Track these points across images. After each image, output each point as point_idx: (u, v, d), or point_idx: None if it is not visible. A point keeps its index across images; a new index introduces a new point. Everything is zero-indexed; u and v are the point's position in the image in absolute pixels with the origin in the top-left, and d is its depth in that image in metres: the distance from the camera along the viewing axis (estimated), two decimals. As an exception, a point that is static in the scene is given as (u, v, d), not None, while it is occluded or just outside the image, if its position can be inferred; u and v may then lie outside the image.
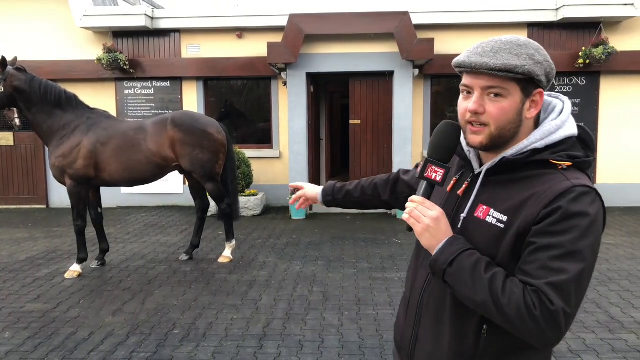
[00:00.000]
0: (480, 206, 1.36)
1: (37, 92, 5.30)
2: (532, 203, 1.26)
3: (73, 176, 5.41)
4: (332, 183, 2.04)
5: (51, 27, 9.70)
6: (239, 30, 9.51)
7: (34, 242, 7.23)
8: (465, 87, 1.35)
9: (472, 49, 1.33)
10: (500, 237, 1.30)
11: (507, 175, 1.35)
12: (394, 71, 8.84)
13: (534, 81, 1.30)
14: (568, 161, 1.31)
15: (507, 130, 1.33)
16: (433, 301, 1.44)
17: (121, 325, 4.31)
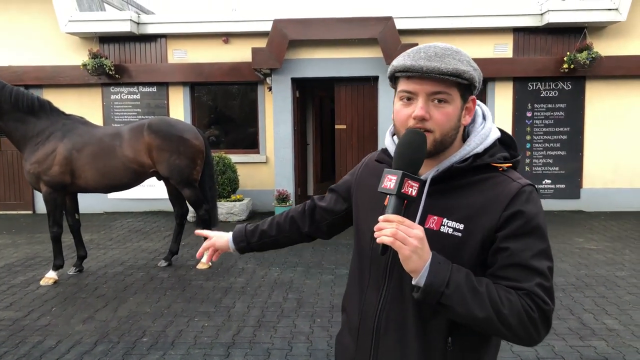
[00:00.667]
0: (430, 217, 1.33)
1: (7, 100, 5.28)
2: (488, 209, 1.28)
3: (48, 183, 5.40)
4: (242, 226, 1.82)
5: (36, 32, 9.69)
6: (225, 36, 9.52)
7: (15, 249, 7.20)
8: (408, 92, 1.30)
9: (413, 54, 1.30)
10: (461, 246, 1.29)
11: (451, 182, 1.34)
12: (378, 76, 8.85)
13: (470, 87, 1.32)
14: (506, 163, 1.34)
15: (449, 137, 1.32)
16: (392, 324, 1.37)
17: (90, 334, 4.29)
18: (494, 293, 1.22)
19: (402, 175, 1.23)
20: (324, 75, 8.90)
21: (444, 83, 1.28)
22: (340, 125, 9.34)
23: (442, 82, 1.27)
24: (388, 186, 1.24)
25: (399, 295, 1.36)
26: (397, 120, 1.34)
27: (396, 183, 1.23)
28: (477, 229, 1.28)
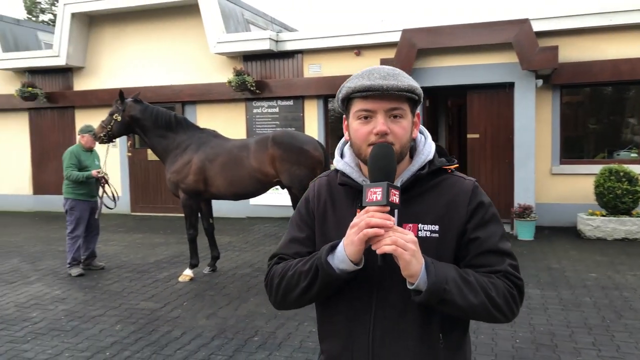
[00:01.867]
0: (406, 225, 1.41)
1: (149, 119, 6.03)
2: (454, 206, 1.43)
3: (185, 190, 6.03)
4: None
5: (190, 54, 10.84)
6: (357, 48, 9.75)
7: (166, 247, 8.12)
8: (366, 111, 1.39)
9: (367, 75, 1.38)
10: (439, 245, 1.41)
11: (413, 190, 1.45)
12: (514, 82, 8.38)
13: (417, 103, 1.44)
14: (453, 165, 1.50)
15: (406, 148, 1.43)
16: (390, 334, 1.41)
17: (210, 328, 4.70)
18: (481, 279, 1.36)
19: (387, 185, 1.28)
20: (455, 83, 8.66)
21: (398, 99, 1.38)
22: (473, 135, 9.00)
23: (397, 98, 1.37)
24: (374, 199, 1.28)
25: (392, 305, 1.41)
26: (357, 138, 1.41)
27: (383, 194, 1.28)
28: (450, 226, 1.42)
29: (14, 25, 12.58)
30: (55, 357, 4.16)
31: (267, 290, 1.54)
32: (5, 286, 6.09)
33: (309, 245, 1.53)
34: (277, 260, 1.55)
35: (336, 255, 1.37)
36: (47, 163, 12.13)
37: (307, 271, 1.40)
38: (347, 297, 1.44)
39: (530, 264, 6.63)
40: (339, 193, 1.52)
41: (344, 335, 1.46)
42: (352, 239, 1.30)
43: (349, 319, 1.45)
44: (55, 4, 29.97)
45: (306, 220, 1.56)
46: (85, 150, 6.63)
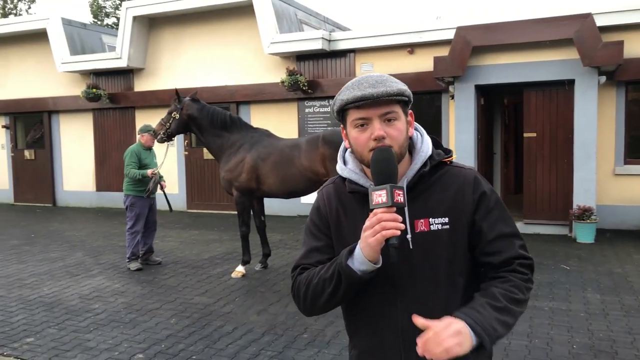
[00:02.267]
0: (417, 222, 1.50)
1: (206, 119, 6.21)
2: (460, 197, 1.52)
3: (238, 188, 6.17)
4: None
5: (245, 55, 11.05)
6: (409, 47, 9.65)
7: (220, 244, 8.32)
8: (362, 119, 1.47)
9: (357, 85, 1.47)
10: (452, 236, 1.50)
11: (418, 187, 1.52)
12: (574, 79, 8.06)
13: (408, 103, 1.51)
14: (451, 157, 1.57)
15: (404, 148, 1.51)
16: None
17: (261, 324, 4.79)
18: (507, 294, 1.44)
19: (390, 187, 1.36)
20: (511, 81, 8.42)
21: (389, 104, 1.46)
22: (530, 134, 8.72)
23: (388, 103, 1.46)
24: (380, 201, 1.37)
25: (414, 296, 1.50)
26: (358, 146, 1.49)
27: (387, 196, 1.36)
28: (459, 216, 1.51)
29: (80, 29, 13.22)
30: (114, 347, 4.35)
31: (295, 301, 1.61)
32: (70, 278, 6.43)
33: (328, 252, 1.60)
34: (300, 271, 1.61)
35: (355, 258, 1.43)
36: (109, 161, 12.69)
37: (330, 277, 1.47)
38: (370, 293, 1.52)
39: (590, 268, 6.37)
40: (349, 200, 1.59)
41: (372, 331, 1.55)
42: (368, 241, 1.37)
43: (375, 314, 1.54)
44: (119, 8, 31.27)
45: (321, 229, 1.63)
46: (145, 148, 6.90)
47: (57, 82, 13.02)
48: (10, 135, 13.86)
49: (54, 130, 13.33)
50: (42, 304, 5.46)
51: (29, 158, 13.63)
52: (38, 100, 13.15)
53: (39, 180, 13.55)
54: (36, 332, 4.71)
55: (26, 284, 6.21)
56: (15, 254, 7.78)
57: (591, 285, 5.70)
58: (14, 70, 13.55)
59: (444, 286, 1.50)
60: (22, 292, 5.89)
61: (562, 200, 8.51)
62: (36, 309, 5.32)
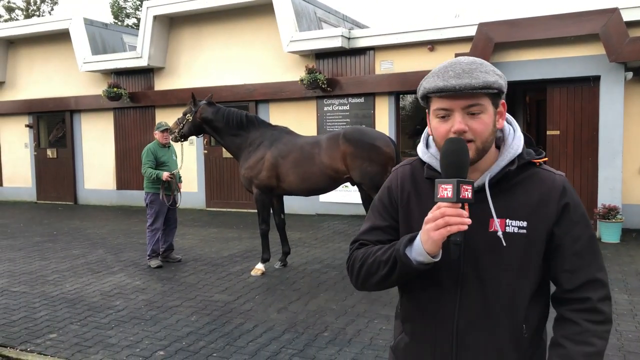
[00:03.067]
0: (493, 221, 1.41)
1: (221, 120, 6.25)
2: (544, 203, 1.42)
3: (258, 185, 6.15)
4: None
5: (264, 53, 11.05)
6: (430, 44, 9.55)
7: (239, 242, 8.33)
8: (444, 110, 1.39)
9: (441, 74, 1.38)
10: (528, 243, 1.42)
11: (501, 185, 1.44)
12: (599, 76, 7.90)
13: (499, 94, 1.41)
14: (542, 158, 1.47)
15: (489, 143, 1.42)
16: (474, 325, 1.44)
17: (281, 322, 4.76)
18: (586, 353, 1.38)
19: (457, 182, 1.29)
20: (534, 78, 8.28)
21: (475, 96, 1.37)
22: (553, 131, 8.56)
23: (474, 95, 1.36)
24: (445, 195, 1.31)
25: (476, 295, 1.44)
26: (437, 137, 1.43)
27: (453, 191, 1.29)
28: (539, 224, 1.41)
29: (102, 29, 13.36)
30: (136, 344, 4.36)
31: (348, 273, 1.59)
32: (92, 275, 6.48)
33: (390, 233, 1.57)
34: (358, 246, 1.59)
35: (414, 248, 1.39)
36: (129, 160, 12.80)
37: (385, 260, 1.44)
38: (434, 284, 1.48)
39: (616, 268, 6.22)
40: (424, 185, 1.53)
41: (427, 323, 1.51)
42: (430, 234, 1.32)
43: (435, 303, 1.49)
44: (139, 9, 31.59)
45: (389, 210, 1.59)
46: (162, 146, 6.92)
47: (78, 81, 13.18)
48: (33, 134, 14.06)
49: (75, 129, 13.49)
50: (64, 301, 5.50)
51: (51, 157, 13.82)
52: (60, 99, 13.32)
53: (60, 179, 13.73)
54: (59, 328, 4.74)
55: (49, 280, 6.28)
56: (38, 251, 7.88)
57: (618, 285, 5.56)
58: (38, 71, 13.75)
59: (509, 291, 1.43)
60: (44, 288, 5.95)
61: (586, 199, 8.34)
62: (59, 305, 5.37)
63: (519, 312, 1.43)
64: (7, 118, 14.33)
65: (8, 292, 5.84)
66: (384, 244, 1.52)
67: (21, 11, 33.23)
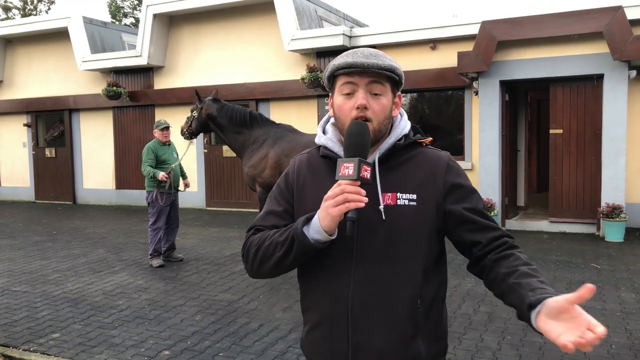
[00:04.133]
0: (385, 195, 1.47)
1: (225, 117, 6.22)
2: (432, 177, 1.50)
3: (262, 184, 6.10)
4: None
5: (264, 52, 11.00)
6: (431, 42, 9.51)
7: (240, 241, 8.26)
8: (349, 84, 1.46)
9: (349, 55, 1.48)
10: (418, 214, 1.47)
11: (390, 162, 1.51)
12: (603, 74, 7.87)
13: (398, 84, 1.52)
14: (427, 139, 1.58)
15: (384, 126, 1.50)
16: (368, 303, 1.45)
17: (287, 321, 4.71)
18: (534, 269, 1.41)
19: (359, 161, 1.34)
20: (537, 76, 8.25)
21: (379, 77, 1.46)
22: (556, 130, 8.53)
23: (378, 76, 1.46)
24: (346, 173, 1.35)
25: (373, 272, 1.45)
26: (341, 113, 1.49)
27: (354, 169, 1.33)
28: (428, 196, 1.48)
29: (101, 28, 13.29)
30: (140, 343, 4.31)
31: (243, 260, 1.59)
32: (93, 274, 6.41)
33: (285, 218, 1.58)
34: (254, 232, 1.60)
35: (311, 227, 1.42)
36: (128, 159, 12.73)
37: (283, 241, 1.45)
38: (325, 266, 1.49)
39: (622, 267, 6.19)
40: (320, 166, 1.58)
41: (323, 305, 1.51)
42: (329, 210, 1.35)
43: (330, 284, 1.50)
44: (137, 8, 31.47)
45: (284, 195, 1.62)
46: (162, 144, 6.86)
47: (77, 80, 13.10)
48: (31, 133, 13.97)
49: (74, 129, 13.41)
50: (66, 300, 5.44)
51: (49, 156, 13.73)
52: (59, 98, 13.24)
53: (59, 178, 13.65)
54: (62, 327, 4.68)
55: (50, 279, 6.21)
56: (38, 251, 7.81)
57: (624, 284, 5.53)
58: (36, 69, 13.66)
59: (402, 263, 1.46)
60: (46, 287, 5.89)
61: (589, 198, 8.32)
62: (61, 304, 5.31)
63: (413, 286, 1.46)
64: (5, 117, 14.23)
65: (9, 291, 5.77)
66: (279, 228, 1.53)
67: (18, 10, 33.09)
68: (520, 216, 9.36)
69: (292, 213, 1.59)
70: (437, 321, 1.54)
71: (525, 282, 1.36)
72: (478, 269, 1.53)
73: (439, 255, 1.56)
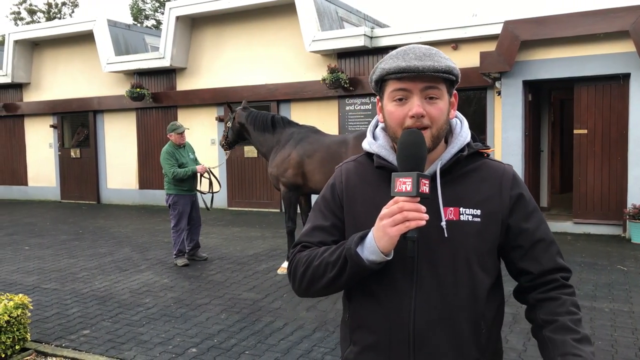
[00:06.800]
0: (447, 209, 1.37)
1: (251, 123, 6.49)
2: (497, 192, 1.40)
3: (285, 183, 6.16)
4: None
5: (286, 53, 11.07)
6: (454, 42, 9.48)
7: (262, 241, 8.34)
8: (402, 90, 1.34)
9: (402, 56, 1.34)
10: (482, 230, 1.38)
11: (451, 174, 1.40)
12: (629, 73, 7.76)
13: (454, 83, 1.39)
14: (489, 149, 1.47)
15: (443, 131, 1.38)
16: (431, 325, 1.36)
17: (311, 321, 4.75)
18: (573, 319, 1.36)
19: (417, 175, 1.23)
20: (561, 76, 8.17)
21: (435, 80, 1.33)
22: (580, 130, 8.44)
23: (433, 79, 1.33)
24: (404, 189, 1.24)
25: (436, 293, 1.36)
26: (392, 121, 1.37)
27: (413, 185, 1.23)
28: (494, 211, 1.39)
29: (125, 31, 13.50)
30: (168, 341, 4.39)
31: (289, 278, 1.49)
32: (120, 273, 6.54)
33: (334, 233, 1.48)
34: (301, 249, 1.48)
35: (366, 246, 1.31)
36: (151, 160, 12.91)
37: (334, 261, 1.35)
38: (387, 283, 1.39)
39: (649, 270, 6.11)
40: (372, 176, 1.46)
41: (380, 326, 1.40)
42: (386, 230, 1.24)
43: (388, 306, 1.39)
44: (158, 10, 31.86)
45: (332, 208, 1.50)
46: (178, 147, 6.97)
47: (101, 82, 13.33)
48: (57, 134, 14.25)
49: (98, 130, 13.65)
50: (94, 298, 5.56)
51: (74, 157, 14.00)
52: (84, 100, 13.49)
53: (84, 178, 13.90)
54: (91, 324, 4.79)
55: (78, 277, 6.35)
56: (66, 249, 7.98)
57: (652, 286, 5.46)
58: (62, 72, 13.93)
59: (466, 283, 1.37)
60: (75, 285, 6.02)
61: (614, 199, 8.21)
62: (89, 302, 5.42)
63: (477, 307, 1.38)
64: (32, 118, 14.55)
65: (40, 289, 5.92)
66: (327, 245, 1.43)
67: (43, 14, 33.76)
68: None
69: (340, 228, 1.48)
70: (495, 343, 1.46)
71: (560, 341, 1.33)
72: (521, 300, 1.48)
73: (499, 274, 1.48)
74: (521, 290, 1.47)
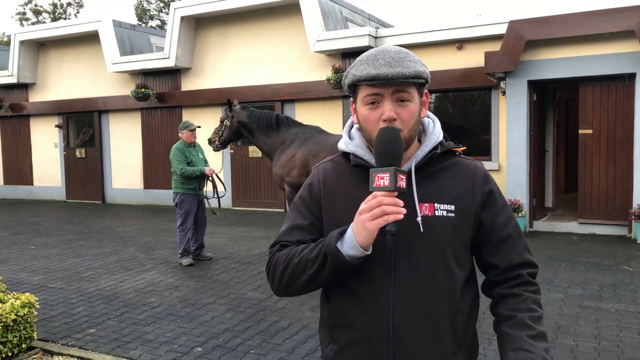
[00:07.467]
0: (422, 205, 1.41)
1: (254, 122, 6.44)
2: (469, 188, 1.46)
3: (290, 183, 6.17)
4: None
5: (290, 53, 11.08)
6: (458, 42, 9.47)
7: (267, 240, 8.36)
8: (373, 95, 1.38)
9: (372, 61, 1.38)
10: (457, 225, 1.43)
11: (425, 171, 1.45)
12: (635, 73, 7.74)
13: (424, 84, 1.43)
14: (461, 147, 1.53)
15: (415, 131, 1.44)
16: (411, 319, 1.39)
17: (316, 320, 4.76)
18: (532, 316, 1.41)
19: (395, 170, 1.27)
20: (566, 76, 8.15)
21: (404, 85, 1.38)
22: (586, 130, 8.41)
23: (403, 84, 1.37)
24: (381, 184, 1.28)
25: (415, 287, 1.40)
26: (367, 124, 1.42)
27: (390, 180, 1.27)
28: (467, 207, 1.44)
29: (130, 31, 13.55)
30: (173, 340, 4.40)
31: (268, 278, 1.51)
32: (125, 272, 6.56)
33: (312, 232, 1.50)
34: (279, 248, 1.50)
35: (345, 242, 1.34)
36: (156, 160, 12.95)
37: (314, 258, 1.37)
38: (366, 279, 1.41)
39: (655, 270, 6.09)
40: (349, 174, 1.50)
41: (359, 322, 1.43)
42: (365, 225, 1.28)
43: (367, 301, 1.42)
44: (162, 11, 31.94)
45: (310, 207, 1.52)
46: (188, 145, 6.99)
47: (107, 82, 13.37)
48: (62, 134, 14.31)
49: (103, 130, 13.70)
50: (100, 297, 5.58)
51: (80, 156, 14.05)
52: (89, 100, 13.54)
53: (89, 178, 13.95)
54: (97, 323, 4.81)
55: (84, 277, 6.38)
56: (71, 248, 8.02)
57: (658, 287, 5.44)
58: (67, 72, 13.99)
59: (443, 277, 1.41)
60: (80, 284, 6.05)
61: (620, 200, 8.18)
62: (95, 301, 5.45)
63: (454, 301, 1.42)
64: (37, 118, 14.62)
65: (46, 288, 5.95)
66: (305, 244, 1.45)
67: (48, 14, 33.89)
68: (548, 217, 9.25)
69: (318, 226, 1.50)
70: (472, 336, 1.50)
71: (515, 336, 1.38)
72: (488, 294, 1.53)
73: (473, 268, 1.53)
74: (488, 285, 1.52)
